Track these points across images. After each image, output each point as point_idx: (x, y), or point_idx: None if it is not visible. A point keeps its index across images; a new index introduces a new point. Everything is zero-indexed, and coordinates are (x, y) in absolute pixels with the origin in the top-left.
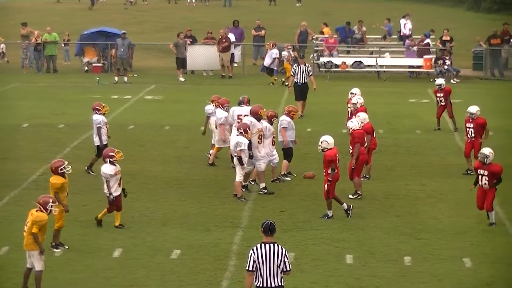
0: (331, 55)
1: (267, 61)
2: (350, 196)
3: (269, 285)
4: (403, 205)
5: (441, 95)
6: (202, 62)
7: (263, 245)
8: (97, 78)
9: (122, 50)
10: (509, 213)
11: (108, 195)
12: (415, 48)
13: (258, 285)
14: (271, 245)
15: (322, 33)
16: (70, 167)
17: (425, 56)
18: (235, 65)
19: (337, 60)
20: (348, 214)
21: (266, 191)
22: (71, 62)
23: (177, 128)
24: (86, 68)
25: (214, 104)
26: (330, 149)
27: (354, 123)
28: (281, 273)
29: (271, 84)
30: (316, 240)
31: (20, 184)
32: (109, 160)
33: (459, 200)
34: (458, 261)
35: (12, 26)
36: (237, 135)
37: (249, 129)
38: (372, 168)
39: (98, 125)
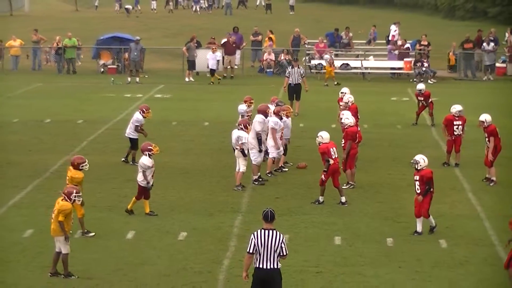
0: (321, 58)
1: (211, 63)
2: (344, 186)
3: (266, 266)
4: (386, 192)
5: (422, 98)
6: (206, 64)
7: (263, 231)
8: (112, 79)
9: (135, 53)
10: (481, 200)
11: (144, 184)
12: (396, 52)
13: (257, 266)
14: (270, 231)
15: (270, 39)
16: (88, 165)
17: (405, 59)
18: (236, 67)
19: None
20: (341, 204)
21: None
22: (87, 63)
23: (183, 124)
24: (102, 69)
25: (247, 104)
26: (324, 143)
27: (350, 120)
28: (278, 256)
29: (211, 83)
30: (308, 223)
31: (42, 174)
32: (148, 153)
33: (435, 188)
34: (435, 243)
35: (30, 32)
36: (238, 130)
37: (249, 125)
38: (357, 160)
39: (136, 124)
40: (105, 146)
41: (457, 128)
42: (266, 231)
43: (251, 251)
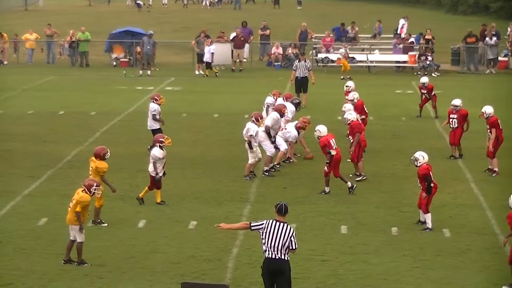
0: (327, 51)
1: (206, 57)
2: (357, 179)
3: (274, 257)
4: (390, 182)
5: (425, 91)
6: (215, 57)
7: (274, 221)
8: (124, 72)
9: (148, 47)
10: (483, 190)
11: (154, 175)
12: (401, 46)
13: (266, 256)
14: (282, 223)
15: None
16: (109, 154)
17: (409, 53)
18: (244, 60)
19: (333, 56)
20: (350, 192)
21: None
22: (100, 57)
23: (193, 115)
24: (114, 63)
25: (275, 97)
26: (323, 136)
27: (353, 115)
28: (287, 249)
29: (206, 76)
30: (314, 213)
31: (56, 164)
32: (159, 145)
33: (439, 178)
34: (438, 231)
35: (44, 27)
36: (251, 122)
37: (261, 118)
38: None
39: (153, 113)
40: (118, 137)
41: (452, 121)
42: (278, 223)
43: (252, 228)
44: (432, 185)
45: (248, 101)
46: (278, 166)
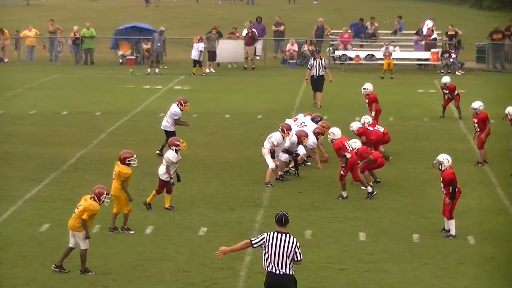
0: (345, 48)
1: (194, 54)
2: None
3: (278, 272)
4: (412, 186)
5: (447, 91)
6: (227, 55)
7: (276, 233)
8: (131, 70)
9: (159, 44)
10: (510, 194)
11: (165, 178)
12: (423, 43)
13: (269, 270)
14: (284, 235)
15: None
16: (137, 160)
17: (432, 50)
18: (257, 57)
19: (351, 54)
20: (368, 197)
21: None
22: (106, 54)
23: (203, 116)
24: (120, 60)
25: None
26: (337, 139)
27: (358, 143)
28: (291, 262)
29: (192, 74)
30: (331, 218)
31: (59, 166)
32: (175, 149)
33: (463, 182)
34: (462, 239)
35: (47, 22)
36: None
37: (287, 130)
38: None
39: (175, 117)
40: (124, 138)
41: (474, 125)
42: (280, 234)
43: (254, 245)
44: (456, 189)
45: (261, 100)
46: (287, 173)
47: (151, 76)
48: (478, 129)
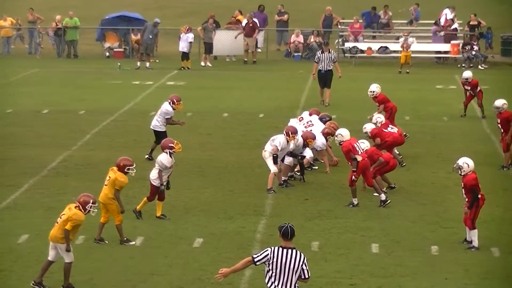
0: (356, 40)
1: (182, 46)
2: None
3: None
4: (430, 193)
5: (469, 88)
6: (226, 47)
7: (281, 249)
8: (119, 64)
9: (150, 36)
10: None
11: (157, 184)
12: (442, 33)
13: None
14: (290, 250)
15: (238, 21)
16: (135, 170)
17: (452, 42)
18: (259, 50)
19: (362, 46)
20: (381, 205)
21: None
22: (91, 47)
23: (199, 115)
24: (107, 53)
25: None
26: (346, 140)
27: (366, 144)
28: (297, 280)
29: (181, 69)
30: (341, 228)
31: (39, 171)
32: (169, 152)
33: (486, 189)
34: (486, 251)
35: (26, 12)
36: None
37: (292, 133)
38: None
39: (167, 116)
40: (111, 140)
41: (498, 126)
42: (285, 250)
43: (257, 262)
44: (479, 196)
45: (263, 98)
46: (293, 179)
47: (140, 70)
48: (502, 130)
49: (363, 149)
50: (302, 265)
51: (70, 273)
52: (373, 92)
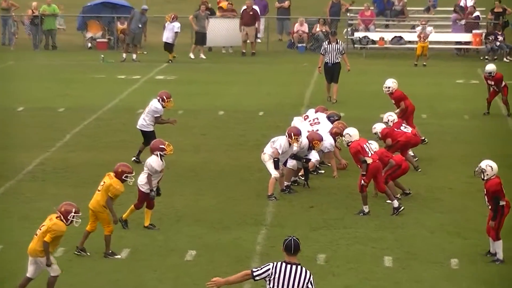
0: (367, 29)
1: (167, 36)
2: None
3: None
4: (449, 200)
5: (492, 83)
6: (221, 37)
7: (284, 264)
8: (102, 56)
9: (139, 25)
10: None
11: (146, 190)
12: (462, 22)
13: None
14: (295, 266)
15: (221, 8)
16: (133, 179)
17: (474, 31)
18: (259, 41)
19: (374, 36)
20: (394, 213)
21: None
22: (72, 37)
23: (192, 113)
24: (89, 44)
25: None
26: (354, 141)
27: (375, 145)
28: None
29: (169, 61)
30: (350, 239)
31: (14, 175)
32: (160, 154)
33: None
34: (511, 264)
35: None
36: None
37: (296, 135)
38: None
39: (156, 115)
40: (94, 140)
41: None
42: (289, 266)
43: (256, 277)
44: (503, 204)
45: (263, 94)
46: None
47: (126, 63)
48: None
49: (373, 150)
50: (307, 283)
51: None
52: (389, 88)
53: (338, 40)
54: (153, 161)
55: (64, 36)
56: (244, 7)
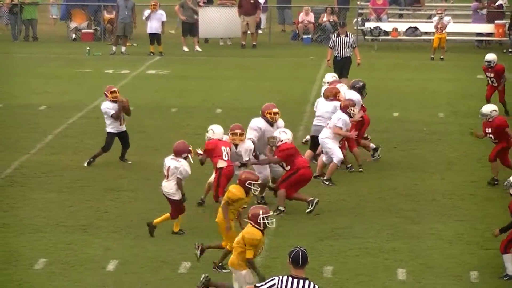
0: (379, 19)
1: (155, 26)
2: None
3: None
4: (468, 207)
5: (491, 75)
6: (219, 28)
7: (290, 279)
8: (88, 48)
9: (126, 13)
10: None
11: (179, 198)
12: (484, 11)
13: None
14: (301, 281)
15: None
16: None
17: (496, 21)
18: (260, 32)
19: (386, 26)
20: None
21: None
22: (54, 27)
23: (186, 111)
24: (73, 35)
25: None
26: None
27: (288, 135)
28: None
29: (151, 54)
30: (360, 250)
31: None
32: (188, 156)
33: None
34: None
35: None
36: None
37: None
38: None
39: (105, 114)
40: (79, 141)
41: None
42: (296, 280)
43: None
44: None
45: (264, 90)
46: (327, 183)
47: (115, 56)
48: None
49: (282, 141)
50: None
51: None
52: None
53: (348, 33)
54: (187, 165)
55: (46, 26)
56: None
